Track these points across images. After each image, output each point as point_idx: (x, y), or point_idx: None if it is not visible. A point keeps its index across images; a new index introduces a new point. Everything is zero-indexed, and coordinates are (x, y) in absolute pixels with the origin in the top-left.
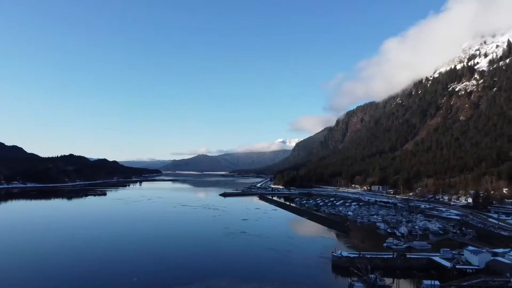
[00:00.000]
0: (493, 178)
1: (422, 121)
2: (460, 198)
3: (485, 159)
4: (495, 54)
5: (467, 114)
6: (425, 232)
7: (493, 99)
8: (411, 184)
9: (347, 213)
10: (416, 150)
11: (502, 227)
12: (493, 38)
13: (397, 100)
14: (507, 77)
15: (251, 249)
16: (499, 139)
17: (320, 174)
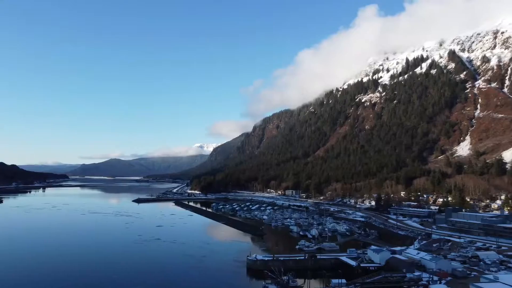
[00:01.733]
0: (392, 183)
1: (332, 129)
2: (365, 201)
3: (386, 165)
4: (396, 70)
5: (372, 123)
6: (334, 234)
7: (393, 110)
8: (322, 188)
9: (262, 217)
10: (327, 156)
11: (400, 227)
12: (394, 55)
13: (310, 108)
14: (405, 91)
15: (165, 256)
16: (398, 147)
17: (237, 179)
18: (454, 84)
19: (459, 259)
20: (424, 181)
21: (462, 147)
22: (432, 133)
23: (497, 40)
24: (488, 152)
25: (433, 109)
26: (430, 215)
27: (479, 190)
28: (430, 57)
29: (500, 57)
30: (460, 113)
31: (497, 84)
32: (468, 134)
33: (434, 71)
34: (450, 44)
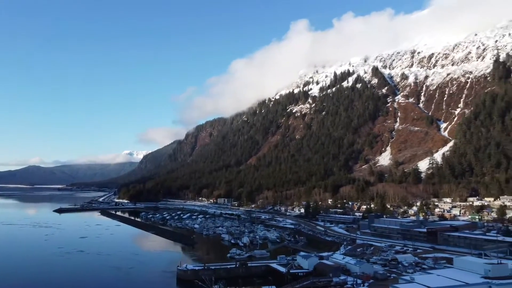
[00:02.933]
0: (321, 191)
1: (264, 138)
2: (295, 208)
3: (315, 174)
4: (325, 82)
5: (302, 133)
6: (264, 241)
7: (322, 121)
8: (253, 196)
9: (194, 226)
10: (259, 164)
11: (327, 233)
12: (323, 69)
13: (243, 117)
14: (333, 103)
15: (89, 269)
16: (326, 156)
17: (168, 187)
18: (377, 98)
19: (380, 262)
20: (350, 189)
21: (383, 157)
22: (357, 143)
23: (414, 59)
24: (406, 162)
25: (358, 121)
26: (355, 221)
27: (398, 197)
28: (356, 72)
29: (417, 75)
30: (382, 126)
31: (414, 99)
32: (389, 145)
33: (359, 85)
34: (373, 61)
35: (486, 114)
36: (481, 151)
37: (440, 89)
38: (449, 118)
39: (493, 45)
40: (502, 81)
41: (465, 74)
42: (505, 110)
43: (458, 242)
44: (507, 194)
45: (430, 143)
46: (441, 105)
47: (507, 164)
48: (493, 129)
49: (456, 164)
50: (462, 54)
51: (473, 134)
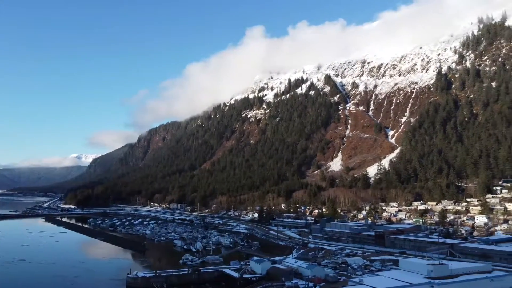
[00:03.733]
0: (274, 195)
1: (219, 142)
2: (249, 213)
3: (269, 179)
4: (279, 89)
5: (256, 138)
6: (218, 247)
7: (276, 127)
8: (207, 201)
9: (145, 232)
10: (213, 169)
11: (280, 238)
12: (278, 75)
13: (198, 121)
14: (287, 109)
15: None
16: (279, 162)
17: (118, 192)
18: (329, 106)
19: (331, 265)
20: (303, 193)
21: (335, 162)
22: (310, 149)
23: (364, 69)
24: (356, 167)
25: (311, 127)
26: (307, 225)
27: (349, 202)
28: (309, 80)
29: (367, 84)
30: (333, 132)
31: (363, 107)
32: (340, 151)
33: (313, 92)
34: (326, 69)
35: (429, 123)
36: (425, 157)
37: (388, 98)
38: (396, 126)
39: (436, 58)
40: (444, 92)
41: (411, 85)
42: (446, 119)
43: (404, 244)
44: (447, 198)
45: (379, 150)
46: (389, 113)
47: (448, 170)
48: (435, 137)
49: (402, 170)
50: (408, 66)
51: (418, 141)
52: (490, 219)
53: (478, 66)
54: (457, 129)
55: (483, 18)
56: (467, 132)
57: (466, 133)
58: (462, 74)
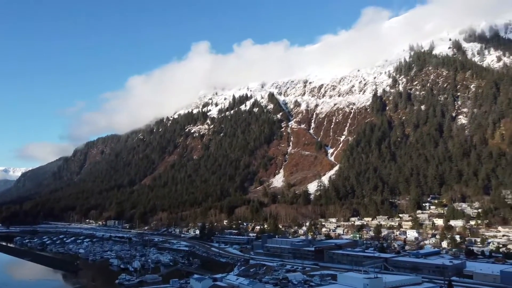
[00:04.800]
0: (216, 212)
1: (161, 157)
2: (190, 230)
3: (211, 195)
4: (224, 105)
5: (199, 154)
6: (157, 265)
7: (220, 142)
8: (147, 218)
9: (78, 250)
10: (154, 185)
11: (222, 255)
12: (222, 91)
13: (139, 135)
14: (231, 125)
15: None
16: (222, 178)
17: (50, 209)
18: (272, 123)
19: (272, 281)
20: (245, 209)
21: (277, 179)
22: (253, 165)
23: (306, 88)
24: (297, 184)
25: (254, 143)
26: (249, 241)
27: (290, 218)
28: (253, 97)
29: (308, 103)
30: (276, 149)
31: (305, 125)
32: (282, 168)
33: (256, 109)
34: (270, 87)
35: (366, 142)
36: (362, 175)
37: (328, 117)
38: (335, 144)
39: (372, 81)
40: (379, 113)
41: (349, 105)
42: (381, 139)
43: (342, 259)
44: (382, 214)
45: (319, 167)
46: (329, 132)
47: (382, 187)
48: (371, 156)
49: (341, 187)
50: (347, 87)
51: (355, 159)
52: (420, 233)
53: (410, 90)
54: (391, 149)
55: (414, 46)
56: (399, 151)
57: (399, 152)
58: (395, 97)
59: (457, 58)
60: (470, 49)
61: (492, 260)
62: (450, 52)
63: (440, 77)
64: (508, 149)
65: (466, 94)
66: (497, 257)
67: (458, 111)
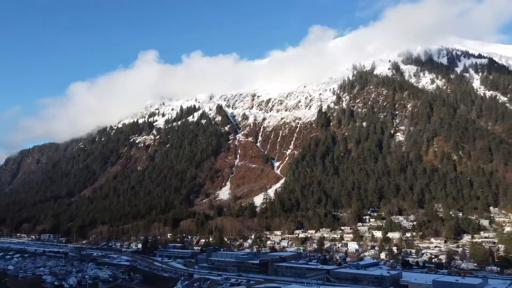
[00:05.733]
0: (160, 225)
1: (102, 168)
2: (132, 244)
3: (156, 207)
4: (171, 115)
5: (144, 165)
6: (95, 281)
7: (166, 154)
8: (86, 231)
9: (7, 267)
10: (94, 196)
11: (165, 269)
12: (170, 102)
13: (80, 144)
14: (178, 137)
15: None
16: (167, 189)
17: None
18: (220, 135)
19: None
20: (190, 222)
21: (223, 191)
22: (199, 177)
23: (254, 102)
24: (243, 196)
25: (201, 155)
26: (193, 255)
27: (235, 231)
28: (201, 108)
29: (256, 116)
30: (223, 161)
31: (252, 138)
32: (228, 180)
33: (204, 121)
34: (218, 99)
35: (310, 156)
36: (306, 188)
37: (275, 131)
38: (282, 157)
39: (318, 97)
40: (324, 128)
41: (296, 120)
42: (325, 153)
43: (286, 271)
44: (325, 226)
45: (265, 180)
46: (276, 145)
47: (326, 200)
48: (316, 169)
49: (286, 200)
50: (293, 102)
51: (300, 173)
52: (360, 245)
53: (352, 107)
54: (334, 163)
55: (357, 65)
56: (342, 165)
57: (342, 166)
58: (339, 113)
59: (396, 78)
60: (407, 71)
61: (425, 270)
62: (390, 73)
63: (380, 96)
64: (440, 165)
65: (403, 113)
66: (429, 267)
67: (396, 129)
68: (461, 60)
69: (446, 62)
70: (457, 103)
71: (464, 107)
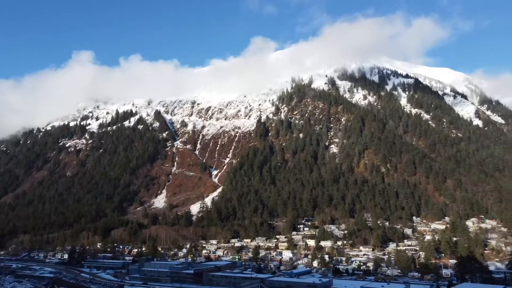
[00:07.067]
0: (89, 234)
1: (27, 172)
2: (57, 254)
3: (85, 215)
4: (105, 119)
5: (74, 170)
6: None
7: (99, 159)
8: (5, 241)
9: None
10: (16, 203)
11: (93, 281)
12: (105, 105)
13: (2, 146)
14: (112, 142)
15: None
16: (99, 197)
17: None
18: (157, 142)
19: None
20: (122, 231)
21: (159, 199)
22: (134, 184)
23: (194, 109)
24: (180, 205)
25: (137, 162)
26: (125, 266)
27: (170, 240)
28: (138, 113)
29: (195, 124)
30: (159, 168)
31: (191, 146)
32: (165, 188)
33: (141, 126)
34: (157, 105)
35: (248, 165)
36: (243, 197)
37: (214, 139)
38: (220, 166)
39: (257, 107)
40: (262, 138)
41: (235, 129)
42: (263, 163)
43: (221, 281)
44: (261, 235)
45: (203, 188)
46: (214, 153)
47: (262, 209)
48: (253, 179)
49: (223, 208)
50: (233, 111)
51: (238, 182)
52: (294, 254)
53: (290, 118)
54: (271, 173)
55: (295, 78)
56: (279, 175)
57: (279, 176)
58: (277, 124)
59: (332, 93)
60: (342, 86)
61: (355, 277)
62: (326, 87)
63: (317, 109)
64: (370, 177)
65: (337, 126)
66: (358, 274)
67: (330, 141)
68: (391, 79)
69: (377, 79)
70: (386, 119)
71: (392, 122)
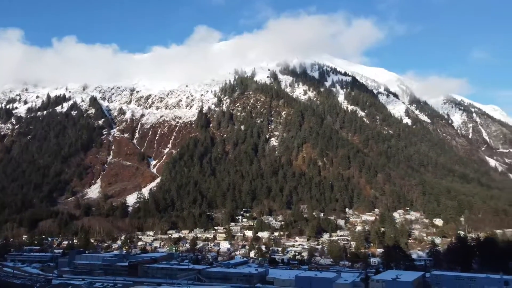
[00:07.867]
0: (14, 225)
1: None
2: None
3: (10, 206)
4: (35, 103)
5: None
6: None
7: (26, 146)
8: None
9: None
10: None
11: (17, 275)
12: (35, 88)
13: None
14: (42, 127)
15: None
16: (26, 186)
17: None
18: (92, 129)
19: None
20: (51, 223)
21: (92, 189)
22: (66, 173)
23: (133, 97)
24: (115, 195)
25: (69, 150)
26: (53, 259)
27: (104, 232)
28: (72, 99)
29: (134, 112)
30: (94, 157)
31: (129, 135)
32: (99, 178)
33: (75, 113)
34: (93, 91)
35: (188, 156)
36: (183, 188)
37: (153, 128)
38: (159, 156)
39: (199, 98)
40: (203, 129)
41: (176, 119)
42: (203, 154)
43: (156, 273)
44: (199, 226)
45: (140, 178)
46: (153, 143)
47: (201, 201)
48: (193, 170)
49: (161, 199)
50: (174, 101)
51: (177, 172)
52: (232, 245)
53: (232, 110)
54: (212, 164)
55: (238, 70)
56: (219, 167)
57: (219, 167)
58: (219, 116)
59: (273, 87)
60: (284, 80)
61: (290, 267)
62: (268, 81)
63: (259, 102)
64: (307, 170)
65: (278, 119)
66: (293, 264)
67: (271, 134)
68: (330, 76)
69: (318, 76)
70: (324, 114)
71: (330, 118)
